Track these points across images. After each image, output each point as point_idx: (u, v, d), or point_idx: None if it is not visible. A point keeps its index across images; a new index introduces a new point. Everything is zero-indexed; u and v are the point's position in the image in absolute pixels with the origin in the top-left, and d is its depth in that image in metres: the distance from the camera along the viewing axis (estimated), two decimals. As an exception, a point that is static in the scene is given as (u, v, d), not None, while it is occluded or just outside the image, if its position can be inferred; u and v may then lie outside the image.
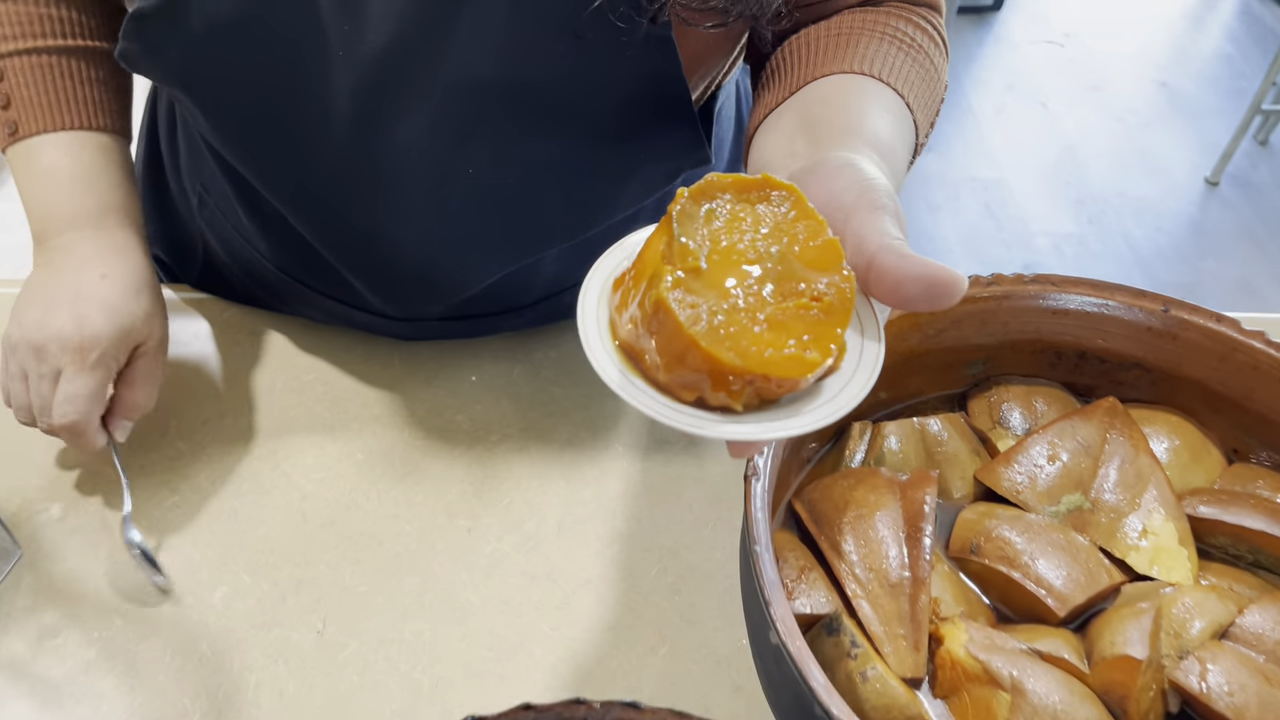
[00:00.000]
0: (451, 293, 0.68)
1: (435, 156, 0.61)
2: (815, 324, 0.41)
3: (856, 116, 0.55)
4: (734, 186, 0.44)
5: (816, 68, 0.60)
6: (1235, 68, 3.14)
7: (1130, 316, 0.61)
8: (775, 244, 0.42)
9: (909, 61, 0.61)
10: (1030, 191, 2.61)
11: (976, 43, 3.15)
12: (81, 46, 0.64)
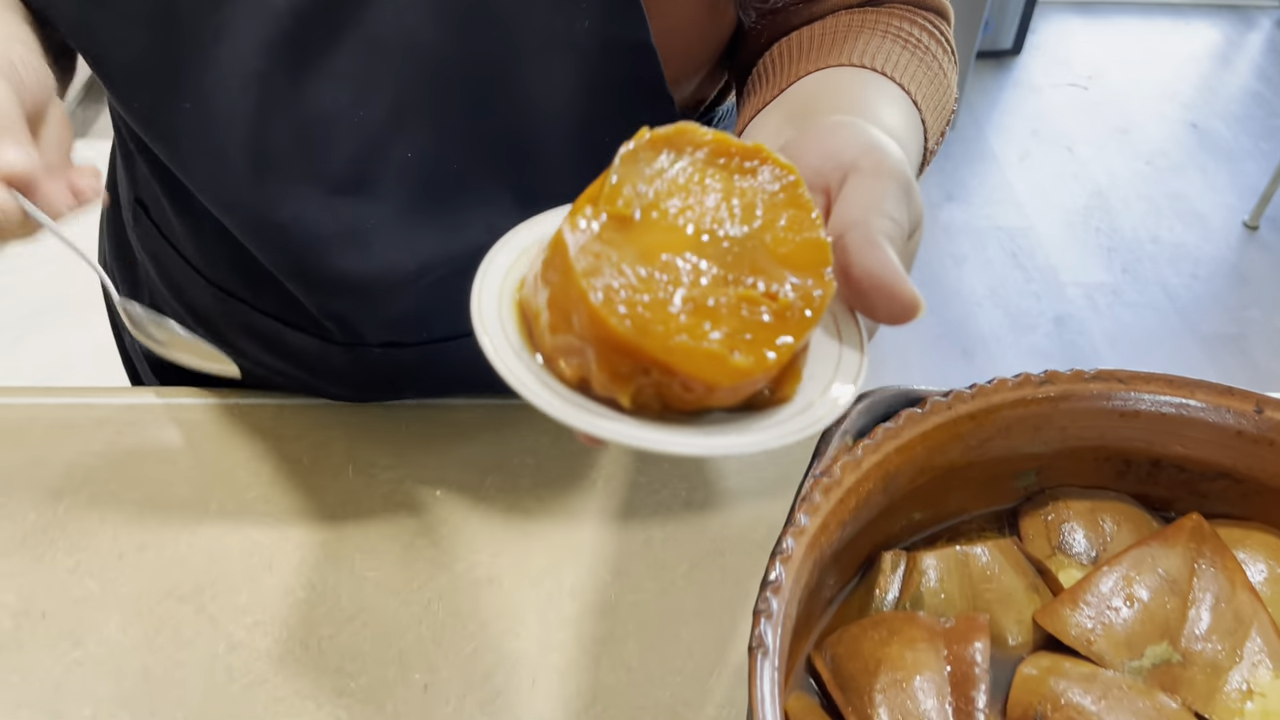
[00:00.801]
0: (384, 295, 0.59)
1: (366, 132, 0.52)
2: (760, 327, 0.32)
3: (858, 103, 0.49)
4: (714, 145, 0.35)
5: (808, 64, 0.53)
6: (1268, 106, 3.04)
7: (1215, 419, 0.50)
8: (745, 224, 0.34)
9: (914, 60, 0.54)
10: (1059, 239, 2.51)
11: (997, 87, 3.07)
12: None
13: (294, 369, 0.68)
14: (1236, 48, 3.37)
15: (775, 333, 0.32)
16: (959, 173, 2.71)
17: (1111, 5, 3.50)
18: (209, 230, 0.63)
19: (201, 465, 0.65)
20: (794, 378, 0.33)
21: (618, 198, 0.33)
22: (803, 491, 0.45)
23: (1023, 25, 3.15)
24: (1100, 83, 3.12)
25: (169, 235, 0.68)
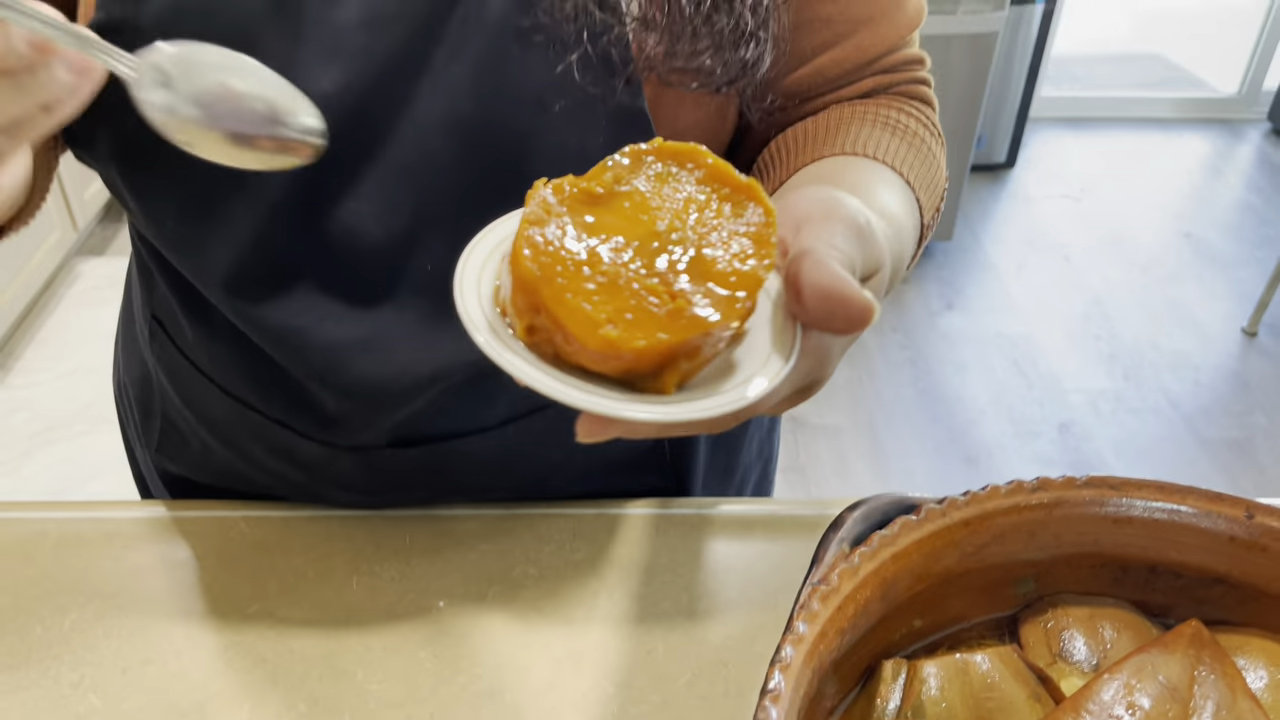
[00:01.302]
0: (399, 398, 0.60)
1: (387, 247, 0.55)
2: (646, 316, 0.35)
3: (858, 188, 0.52)
4: (712, 169, 0.39)
5: (809, 154, 0.57)
6: (1260, 215, 3.10)
7: (1208, 525, 0.51)
8: (697, 237, 0.37)
9: (904, 145, 0.58)
10: (1060, 347, 2.53)
11: (993, 199, 3.14)
12: None
13: (302, 475, 0.69)
14: (1226, 159, 3.46)
15: (658, 326, 0.35)
16: (958, 281, 2.75)
17: (1101, 120, 3.61)
18: (225, 343, 0.65)
19: (207, 578, 0.65)
20: (672, 373, 0.36)
21: (599, 177, 0.38)
22: (801, 599, 0.45)
23: (1015, 140, 3.25)
24: (1093, 194, 3.19)
25: (185, 349, 0.70)
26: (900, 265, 0.54)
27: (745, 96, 0.60)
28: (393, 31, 0.51)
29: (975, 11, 2.42)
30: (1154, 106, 3.66)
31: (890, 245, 0.48)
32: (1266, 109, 3.62)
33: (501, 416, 0.66)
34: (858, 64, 0.62)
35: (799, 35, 0.60)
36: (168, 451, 0.77)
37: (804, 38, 0.60)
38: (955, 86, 2.53)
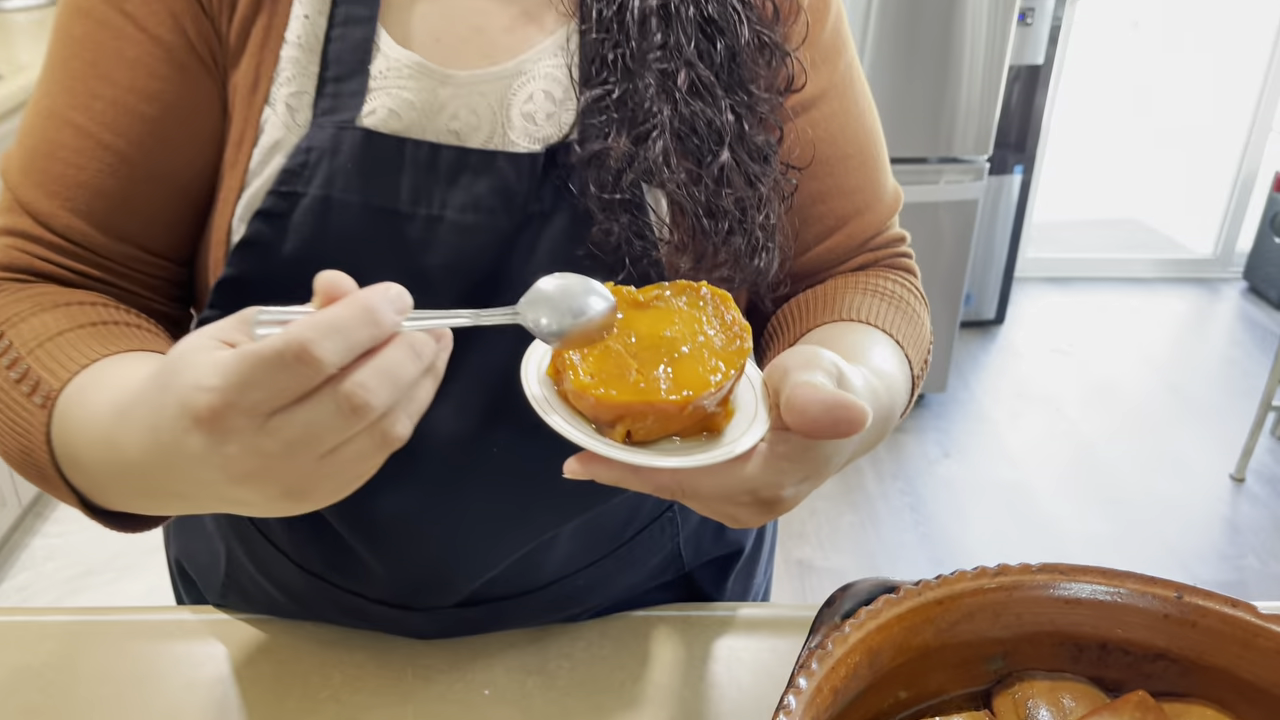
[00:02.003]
0: (470, 576, 0.70)
1: (461, 438, 0.65)
2: (618, 380, 0.51)
3: (855, 349, 0.63)
4: (725, 312, 0.55)
5: (813, 320, 0.70)
6: (1241, 368, 3.23)
7: (1145, 604, 0.60)
8: (689, 349, 0.53)
9: (892, 309, 0.70)
10: (1055, 493, 2.62)
11: (984, 353, 3.28)
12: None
13: (370, 627, 0.78)
14: (1206, 315, 3.62)
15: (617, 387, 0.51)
16: (955, 431, 2.86)
17: (1084, 279, 3.80)
18: (304, 526, 0.74)
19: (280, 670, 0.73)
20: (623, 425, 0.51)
21: (647, 292, 0.56)
22: (800, 660, 0.54)
23: (1003, 297, 3.42)
24: (1081, 348, 3.33)
25: (260, 525, 0.78)
26: (894, 410, 0.64)
27: (758, 292, 0.72)
28: (470, 273, 0.63)
29: (956, 181, 2.62)
30: (1134, 267, 3.85)
31: (879, 394, 0.59)
32: (1241, 268, 3.81)
33: (551, 576, 0.76)
34: (850, 248, 0.75)
35: (801, 231, 0.73)
36: (232, 602, 0.83)
37: (805, 232, 0.74)
38: (943, 248, 2.70)
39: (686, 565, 0.83)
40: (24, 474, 0.60)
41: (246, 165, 0.64)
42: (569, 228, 0.64)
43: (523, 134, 0.65)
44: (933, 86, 2.54)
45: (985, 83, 2.55)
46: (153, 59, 0.63)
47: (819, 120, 0.72)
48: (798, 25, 0.70)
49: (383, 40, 0.65)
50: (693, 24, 0.65)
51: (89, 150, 0.63)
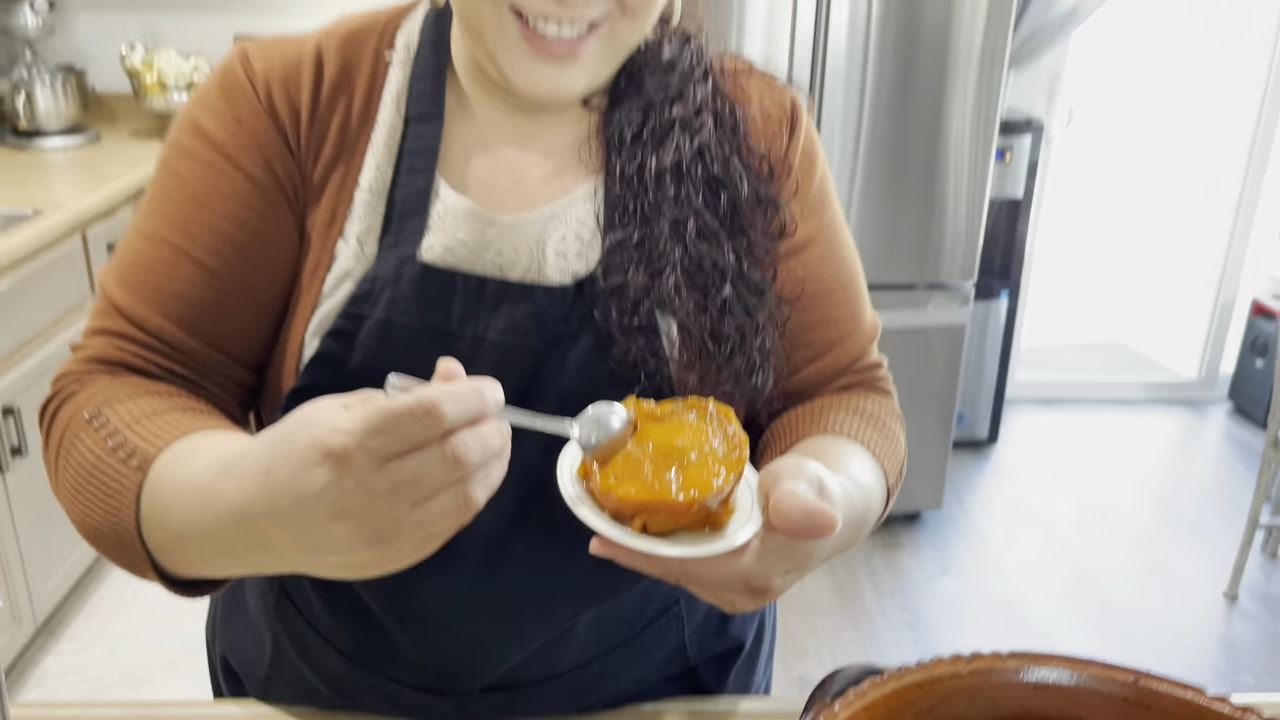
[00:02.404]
0: (497, 661, 0.77)
1: (495, 532, 0.74)
2: (638, 482, 0.61)
3: (838, 461, 0.73)
4: (728, 425, 0.65)
5: (802, 433, 0.80)
6: (1230, 488, 3.30)
7: (1105, 689, 0.67)
8: (697, 456, 0.63)
9: (870, 426, 0.80)
10: (1051, 610, 2.65)
11: (978, 473, 3.35)
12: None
13: (401, 713, 0.85)
14: (1194, 436, 3.70)
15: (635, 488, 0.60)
16: (951, 549, 2.91)
17: (1074, 401, 3.89)
18: (348, 614, 0.82)
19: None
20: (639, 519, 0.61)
21: (664, 406, 0.66)
22: (797, 735, 0.61)
23: (995, 418, 3.51)
24: (1073, 468, 3.40)
25: (309, 617, 0.86)
26: (869, 514, 0.74)
27: (755, 406, 0.82)
28: (509, 385, 0.72)
29: (944, 306, 2.74)
30: (1122, 389, 3.95)
31: (855, 501, 0.69)
32: (1226, 390, 3.91)
33: (569, 664, 0.83)
34: (835, 371, 0.86)
35: (792, 355, 0.83)
36: (274, 694, 0.89)
37: (795, 356, 0.84)
38: (934, 370, 2.81)
39: (691, 659, 0.89)
40: (98, 542, 0.67)
41: (320, 289, 0.75)
42: (593, 348, 0.74)
43: (556, 269, 0.76)
44: (919, 218, 2.69)
45: (969, 215, 2.69)
46: (245, 193, 0.74)
47: (808, 262, 0.82)
48: (789, 182, 0.81)
49: (441, 188, 0.76)
50: (700, 181, 0.76)
51: (183, 266, 0.73)
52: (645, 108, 0.78)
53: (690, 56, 0.80)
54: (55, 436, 0.72)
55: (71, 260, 2.38)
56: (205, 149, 0.75)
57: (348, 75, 0.78)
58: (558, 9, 0.69)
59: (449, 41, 0.80)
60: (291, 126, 0.76)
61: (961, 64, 2.56)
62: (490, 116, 0.79)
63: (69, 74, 3.01)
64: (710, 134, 0.78)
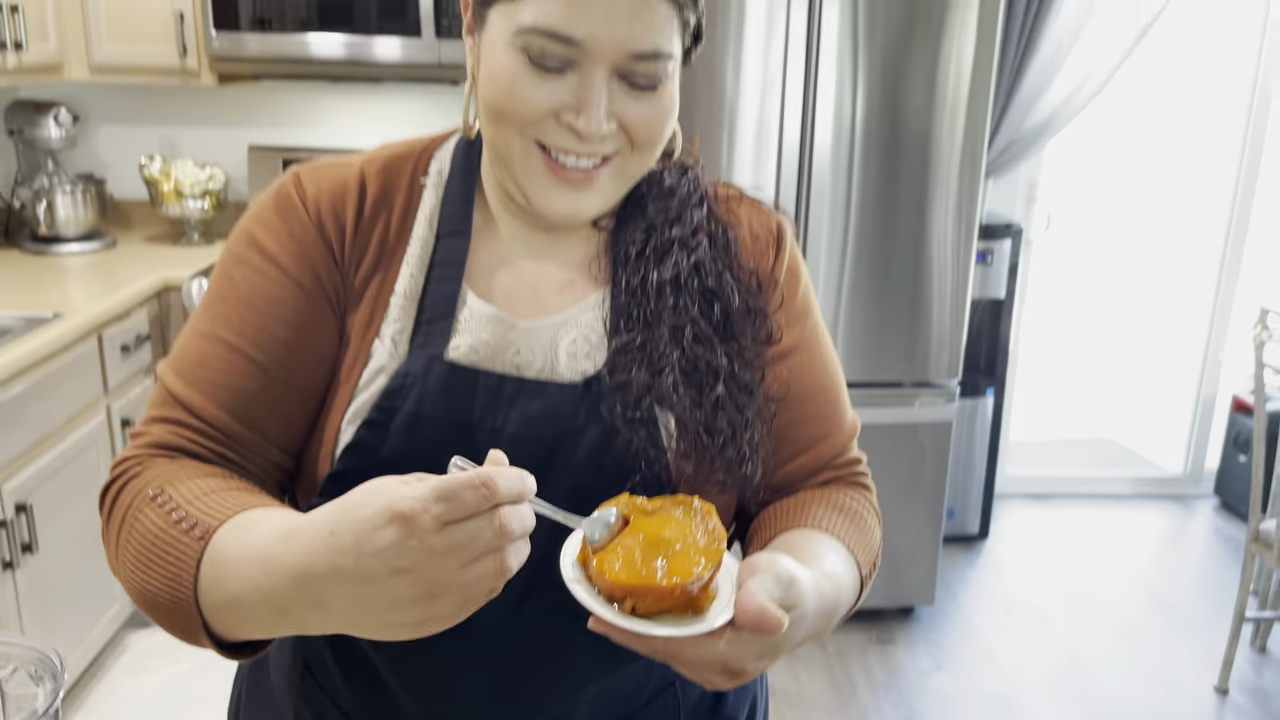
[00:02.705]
0: None
1: (504, 612, 0.80)
2: (629, 569, 0.68)
3: (814, 555, 0.81)
4: (711, 521, 0.74)
5: (784, 525, 0.88)
6: (1218, 581, 3.34)
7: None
8: (681, 548, 0.71)
9: (846, 521, 0.89)
10: (1044, 705, 2.67)
11: (970, 567, 3.40)
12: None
13: None
14: (1182, 530, 3.76)
15: (626, 574, 0.68)
16: (945, 643, 2.93)
17: (1064, 495, 3.96)
18: (368, 687, 0.89)
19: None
20: (628, 602, 0.68)
21: (654, 502, 0.73)
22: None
23: (985, 513, 3.57)
24: (1064, 563, 3.45)
25: (331, 692, 0.92)
26: (840, 604, 0.81)
27: (744, 495, 0.90)
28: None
29: (931, 403, 2.83)
30: (1110, 484, 4.02)
31: (825, 592, 0.77)
32: (1212, 485, 3.99)
33: None
34: (817, 466, 0.94)
35: (778, 450, 0.92)
36: None
37: (781, 451, 0.92)
38: (923, 466, 2.88)
39: (686, 739, 0.95)
40: (154, 607, 0.73)
41: (357, 382, 0.84)
42: (599, 439, 0.82)
43: (567, 368, 0.85)
44: (905, 319, 2.80)
45: (953, 316, 2.80)
46: (294, 298, 0.84)
47: (792, 366, 0.91)
48: (775, 294, 0.91)
49: (468, 295, 0.86)
50: (696, 292, 0.86)
51: (236, 361, 0.82)
52: (648, 228, 0.88)
53: (688, 185, 0.91)
54: (118, 514, 0.79)
55: (87, 361, 2.46)
56: (260, 259, 0.84)
57: (387, 196, 0.88)
58: (577, 145, 0.80)
59: (478, 167, 0.91)
60: (337, 240, 0.86)
61: (942, 173, 2.70)
62: (512, 233, 0.90)
63: (89, 183, 3.15)
64: (705, 252, 0.87)
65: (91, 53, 2.96)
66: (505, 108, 0.79)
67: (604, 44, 0.77)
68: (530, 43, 0.77)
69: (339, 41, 2.92)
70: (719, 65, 2.60)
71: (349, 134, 3.39)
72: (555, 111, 0.79)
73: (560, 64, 0.78)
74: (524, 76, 0.78)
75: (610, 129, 0.80)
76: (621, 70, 0.79)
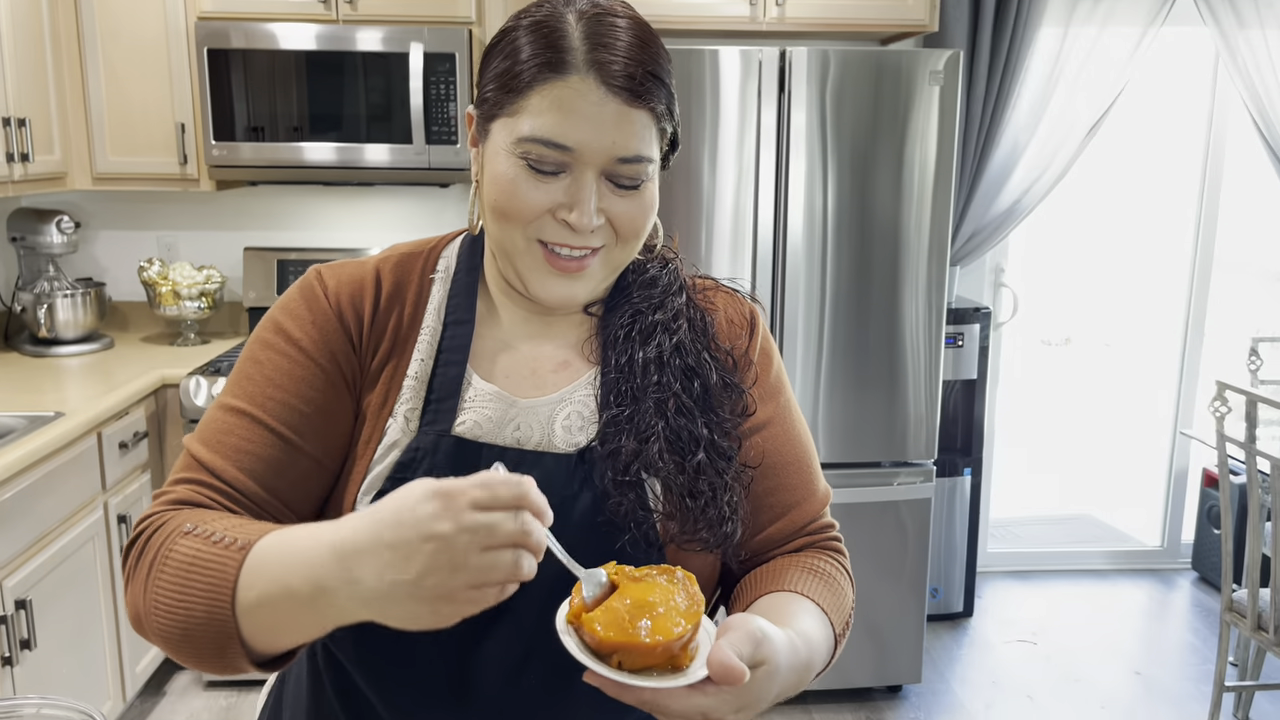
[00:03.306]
0: None
1: (506, 667, 0.89)
2: (616, 627, 0.76)
3: (788, 616, 0.89)
4: (691, 587, 0.81)
5: (762, 589, 0.96)
6: (1200, 654, 3.39)
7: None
8: (664, 610, 0.78)
9: (820, 582, 0.97)
10: (1035, 781, 2.69)
11: (955, 645, 3.44)
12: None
13: None
14: (1163, 605, 3.82)
15: (613, 632, 0.75)
16: (933, 722, 2.97)
17: (1045, 572, 4.02)
18: None
19: None
20: (615, 658, 0.76)
21: (640, 570, 0.81)
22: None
23: (969, 591, 3.62)
24: (1048, 639, 3.50)
25: None
26: (814, 660, 0.89)
27: (726, 554, 0.98)
28: None
29: (909, 482, 2.92)
30: (1090, 559, 4.09)
31: (798, 649, 0.85)
32: (1189, 559, 4.06)
33: None
34: (792, 531, 1.03)
35: (755, 516, 1.01)
36: None
37: (758, 518, 1.01)
38: (906, 544, 2.95)
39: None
40: (188, 634, 0.79)
41: (372, 456, 0.93)
42: (593, 503, 0.91)
43: (562, 440, 0.95)
44: (882, 401, 2.90)
45: (927, 396, 2.91)
46: (314, 378, 0.93)
47: (767, 438, 1.01)
48: (750, 373, 1.01)
49: (472, 377, 0.96)
50: (678, 370, 0.96)
51: (257, 430, 0.91)
52: (634, 314, 0.99)
53: (669, 275, 1.02)
54: (148, 556, 0.84)
55: (86, 459, 2.53)
56: (284, 343, 0.94)
57: (400, 291, 0.98)
58: (572, 238, 0.90)
59: (481, 262, 1.02)
60: (355, 329, 0.96)
61: (911, 262, 2.84)
62: (513, 319, 1.00)
63: (88, 286, 3.25)
64: (686, 334, 0.98)
65: (94, 163, 3.09)
66: (508, 207, 0.90)
67: (592, 150, 0.87)
68: (529, 150, 0.88)
69: (330, 148, 3.06)
70: (696, 165, 2.76)
71: (341, 235, 3.53)
72: (552, 209, 0.89)
73: (555, 168, 0.88)
74: (524, 180, 0.89)
75: (599, 223, 0.90)
76: (608, 172, 0.89)
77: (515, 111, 0.88)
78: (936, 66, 2.74)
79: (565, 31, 0.88)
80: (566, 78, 0.87)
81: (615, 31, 0.88)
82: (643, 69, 0.88)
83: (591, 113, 0.86)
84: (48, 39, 2.96)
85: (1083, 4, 3.43)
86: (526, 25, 0.90)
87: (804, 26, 2.99)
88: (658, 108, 0.89)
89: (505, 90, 0.89)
